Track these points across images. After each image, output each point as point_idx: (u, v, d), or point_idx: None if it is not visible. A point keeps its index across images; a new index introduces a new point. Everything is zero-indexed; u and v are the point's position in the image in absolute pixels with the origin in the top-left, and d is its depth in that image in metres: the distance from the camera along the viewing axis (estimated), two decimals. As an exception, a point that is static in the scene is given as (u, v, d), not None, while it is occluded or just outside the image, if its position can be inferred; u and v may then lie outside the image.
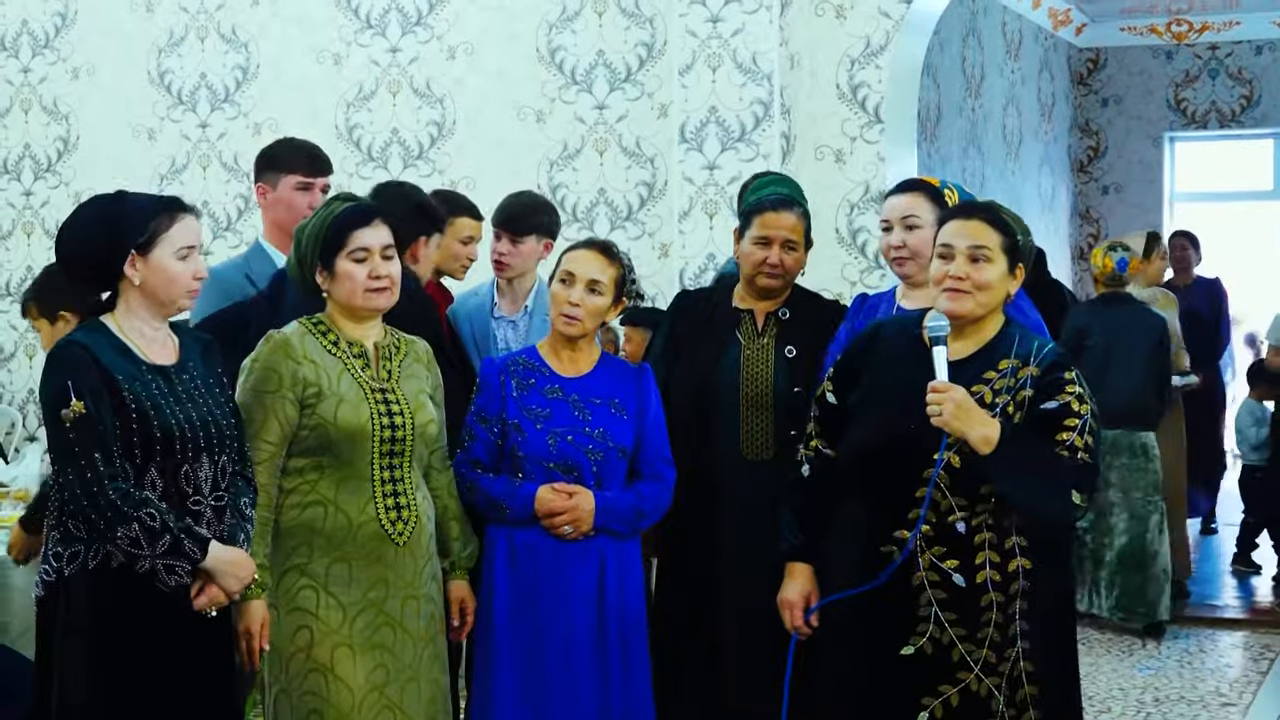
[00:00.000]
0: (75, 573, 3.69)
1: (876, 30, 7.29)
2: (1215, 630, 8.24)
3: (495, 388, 4.43)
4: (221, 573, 3.75)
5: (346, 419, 4.04)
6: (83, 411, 3.63)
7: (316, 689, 4.00)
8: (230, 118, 8.46)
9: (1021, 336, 3.85)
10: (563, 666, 4.34)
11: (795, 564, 4.11)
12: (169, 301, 3.84)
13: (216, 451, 3.83)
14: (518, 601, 4.37)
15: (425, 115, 8.12)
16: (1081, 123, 14.17)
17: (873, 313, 4.59)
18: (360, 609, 4.05)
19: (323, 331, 4.15)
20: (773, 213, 4.70)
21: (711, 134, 7.24)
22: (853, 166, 7.32)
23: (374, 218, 4.17)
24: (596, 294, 4.41)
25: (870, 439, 3.84)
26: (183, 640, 3.76)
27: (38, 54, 8.83)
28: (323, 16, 8.27)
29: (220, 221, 8.46)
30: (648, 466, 4.48)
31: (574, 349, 4.49)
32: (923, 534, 3.73)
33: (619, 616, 4.41)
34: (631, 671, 4.44)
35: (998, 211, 3.95)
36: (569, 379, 4.46)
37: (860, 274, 7.25)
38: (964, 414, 3.64)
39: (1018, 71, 12.28)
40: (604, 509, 4.37)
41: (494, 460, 4.42)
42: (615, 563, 4.43)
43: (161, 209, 3.83)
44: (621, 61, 7.75)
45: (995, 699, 3.74)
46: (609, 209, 7.78)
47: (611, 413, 4.43)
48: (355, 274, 4.11)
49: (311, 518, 4.05)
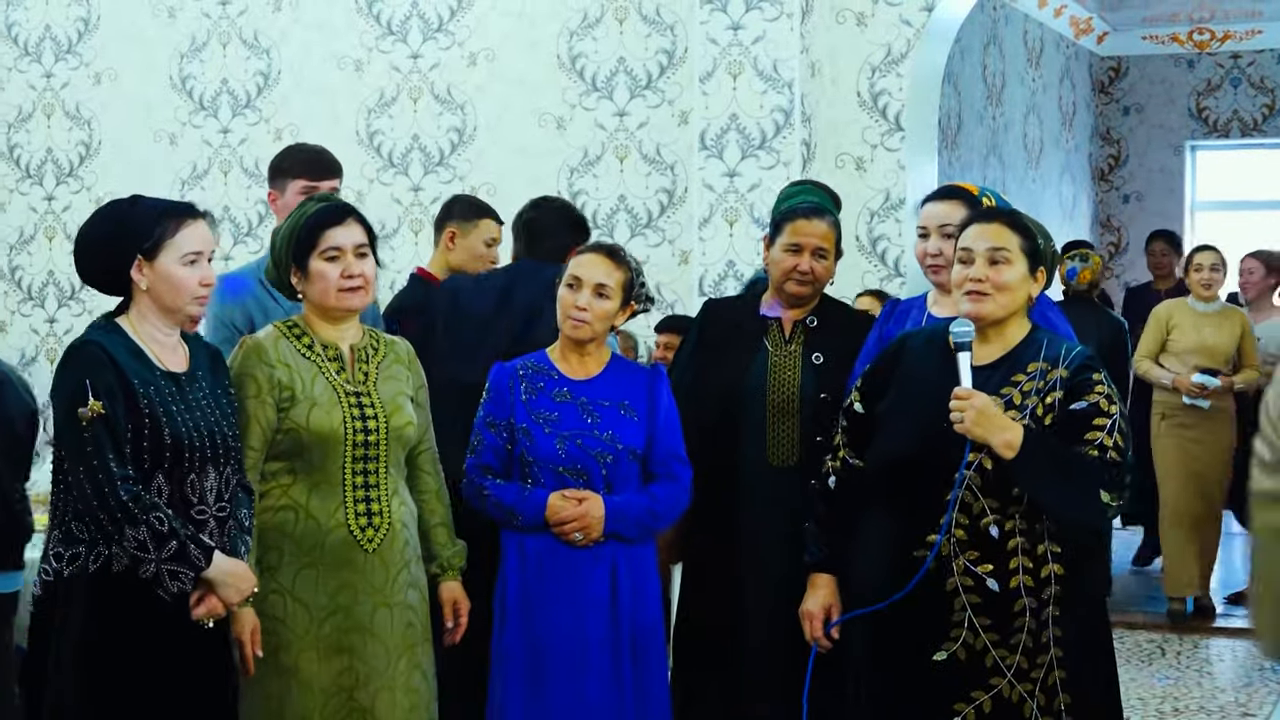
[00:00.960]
0: (74, 574, 3.67)
1: (898, 38, 7.28)
2: (1235, 640, 8.22)
3: (504, 393, 4.44)
4: (222, 583, 3.73)
5: (318, 423, 4.01)
6: (101, 411, 3.62)
7: (279, 691, 4.00)
8: (251, 123, 8.48)
9: (1050, 340, 3.87)
10: (573, 674, 4.33)
11: (819, 575, 4.12)
12: (175, 308, 3.82)
13: (221, 462, 3.82)
14: (528, 608, 4.37)
15: (446, 121, 8.13)
16: (1103, 131, 14.14)
17: (903, 318, 4.60)
18: (329, 613, 4.03)
19: (297, 335, 4.12)
20: (804, 220, 4.71)
21: (732, 141, 7.24)
22: (873, 174, 7.32)
23: (347, 217, 4.13)
24: (604, 298, 4.42)
25: (899, 446, 3.85)
26: (179, 648, 3.74)
27: (60, 59, 8.86)
28: (344, 23, 8.29)
29: (241, 227, 8.48)
30: (661, 467, 4.47)
31: (582, 352, 4.49)
32: (956, 539, 3.73)
33: (632, 623, 4.40)
34: (645, 678, 4.42)
35: (1017, 215, 3.98)
36: (578, 382, 4.46)
37: (880, 281, 7.24)
38: (986, 420, 3.65)
39: (1039, 80, 12.26)
40: (614, 514, 4.37)
41: (504, 465, 4.43)
42: (628, 568, 4.42)
43: (169, 214, 3.81)
44: (642, 68, 7.75)
45: (1028, 705, 3.74)
46: (629, 216, 7.78)
47: (621, 415, 4.43)
48: (328, 273, 4.08)
49: (282, 521, 4.04)
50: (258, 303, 4.81)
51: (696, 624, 4.78)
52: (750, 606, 4.66)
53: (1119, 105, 14.15)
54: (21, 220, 8.98)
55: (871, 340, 4.60)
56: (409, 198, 8.15)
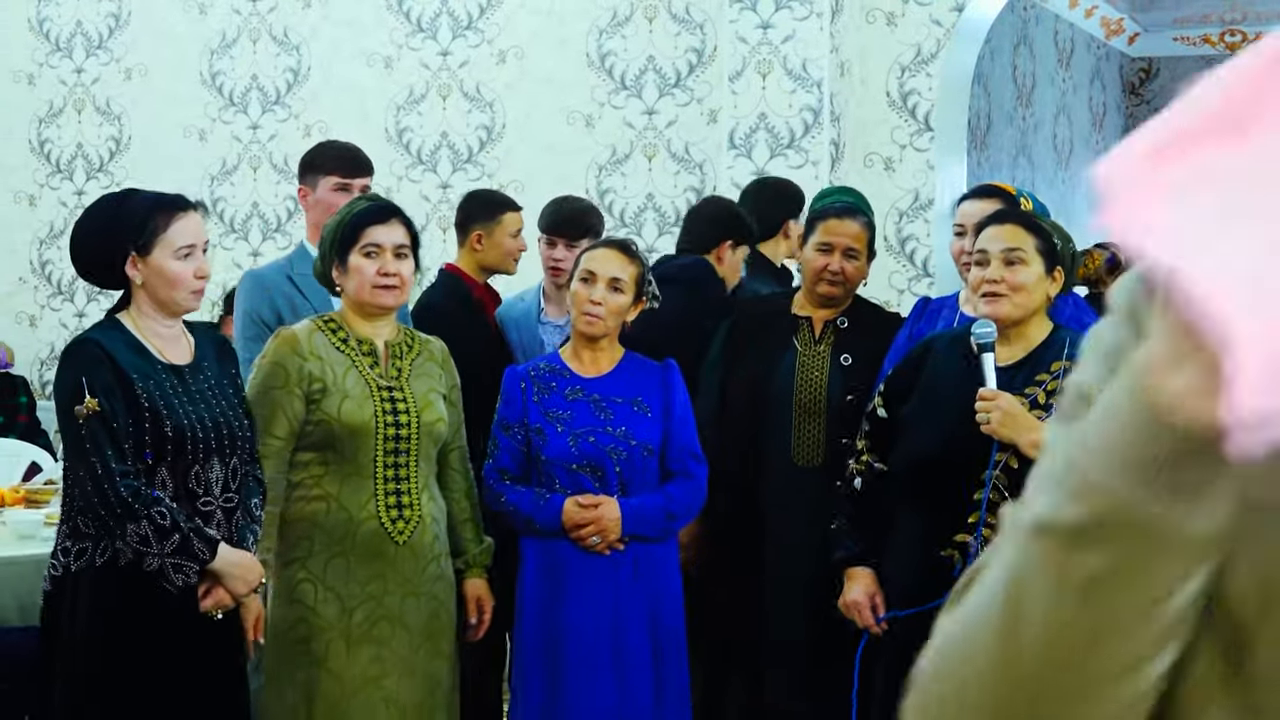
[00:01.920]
0: (82, 569, 3.69)
1: (927, 38, 7.27)
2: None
3: (516, 395, 4.44)
4: (229, 575, 3.74)
5: (350, 415, 4.08)
6: (96, 409, 3.63)
7: (307, 680, 4.05)
8: (281, 120, 8.50)
9: (1072, 339, 3.87)
10: (592, 674, 4.32)
11: (855, 568, 4.10)
12: (171, 302, 3.83)
13: (228, 452, 3.83)
14: (547, 611, 4.37)
15: (475, 119, 8.14)
16: (1133, 132, 14.09)
17: (934, 317, 4.60)
18: (359, 602, 4.09)
19: (333, 329, 4.19)
20: (836, 220, 4.71)
21: (761, 141, 7.23)
22: (902, 174, 7.30)
23: (391, 217, 4.20)
24: (618, 292, 4.42)
25: (925, 447, 3.84)
26: (188, 640, 3.75)
27: (91, 55, 8.89)
28: (373, 20, 8.30)
29: (270, 223, 8.50)
30: (676, 464, 4.46)
31: (595, 349, 4.49)
32: (984, 539, 3.73)
33: (653, 625, 4.39)
34: (665, 680, 4.41)
35: (1032, 216, 3.98)
36: (589, 379, 4.46)
37: (909, 282, 7.23)
38: (1012, 420, 3.65)
39: (1069, 80, 12.23)
40: (630, 516, 4.36)
41: (521, 467, 4.43)
42: (649, 567, 4.41)
43: (160, 208, 3.80)
44: (671, 67, 7.74)
45: None
46: (657, 214, 7.78)
47: (634, 411, 4.42)
48: (365, 269, 4.15)
49: (314, 512, 4.10)
50: (286, 299, 4.82)
51: (718, 622, 4.77)
52: (774, 606, 4.66)
53: (1150, 106, 14.09)
54: (51, 215, 9.01)
55: (901, 339, 4.60)
56: (437, 195, 8.15)
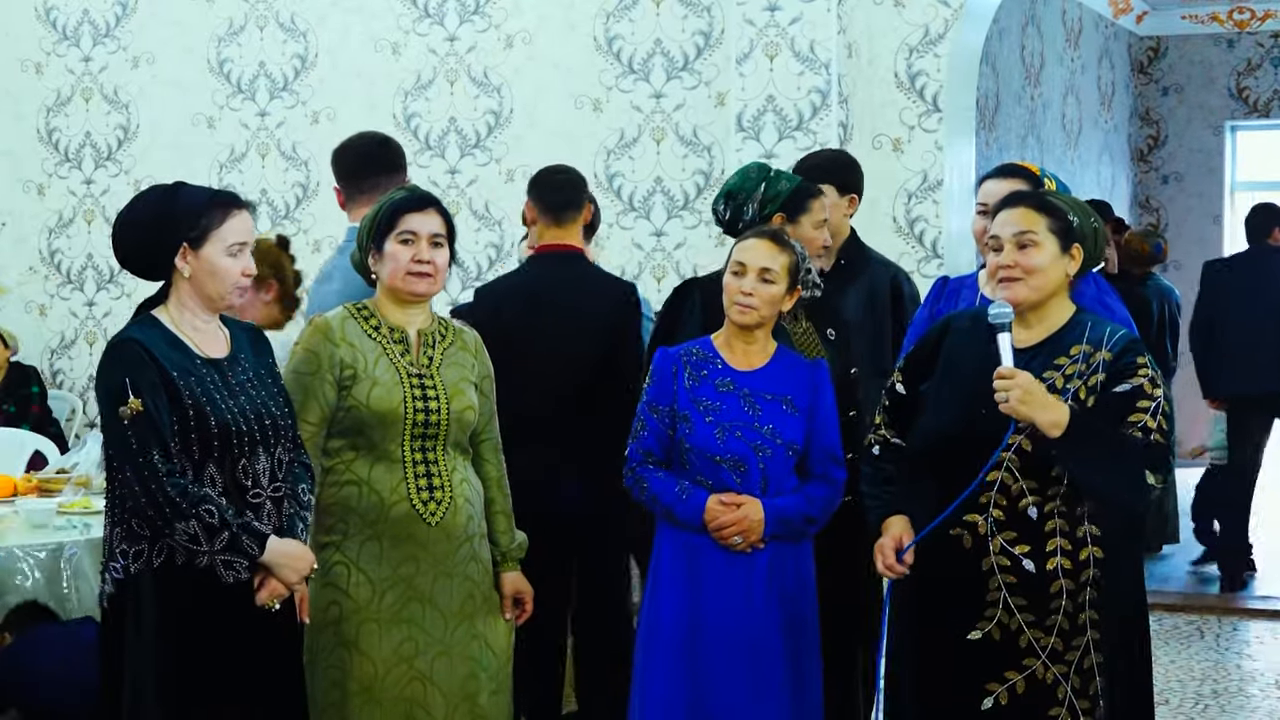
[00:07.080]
0: (141, 570, 3.71)
1: (935, 19, 7.25)
2: (1275, 622, 8.18)
3: (667, 378, 4.39)
4: (280, 565, 3.76)
5: (379, 402, 4.11)
6: (140, 409, 3.64)
7: (340, 662, 4.10)
8: (289, 106, 8.50)
9: (1094, 323, 3.85)
10: (727, 673, 4.28)
11: (890, 518, 3.95)
12: (216, 296, 3.84)
13: (272, 442, 3.84)
14: (684, 602, 4.33)
15: (483, 104, 8.14)
16: (1142, 112, 14.07)
17: (954, 297, 4.58)
18: (390, 584, 4.13)
19: (365, 316, 4.23)
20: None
21: (769, 123, 7.23)
22: (910, 155, 7.29)
23: (428, 206, 4.26)
24: (769, 282, 4.34)
25: (942, 425, 3.83)
26: (249, 634, 3.78)
27: (98, 43, 8.89)
28: (381, 5, 8.29)
29: (279, 210, 8.50)
30: (818, 466, 4.40)
31: (748, 341, 4.40)
32: (994, 519, 3.73)
33: (792, 623, 4.34)
34: (804, 679, 4.36)
35: (1044, 196, 3.95)
36: (742, 373, 4.39)
37: (918, 263, 7.22)
38: (1031, 399, 3.63)
39: (1077, 60, 12.20)
40: (773, 518, 4.30)
41: (665, 451, 4.39)
42: (785, 567, 4.36)
43: (215, 204, 3.83)
44: (679, 50, 7.74)
45: (1061, 687, 3.73)
46: (665, 198, 7.78)
47: (783, 409, 4.36)
48: (399, 255, 4.19)
49: (347, 496, 4.13)
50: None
51: None
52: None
53: (1158, 85, 14.07)
54: (60, 204, 9.02)
55: (921, 317, 4.58)
56: (445, 180, 8.16)
